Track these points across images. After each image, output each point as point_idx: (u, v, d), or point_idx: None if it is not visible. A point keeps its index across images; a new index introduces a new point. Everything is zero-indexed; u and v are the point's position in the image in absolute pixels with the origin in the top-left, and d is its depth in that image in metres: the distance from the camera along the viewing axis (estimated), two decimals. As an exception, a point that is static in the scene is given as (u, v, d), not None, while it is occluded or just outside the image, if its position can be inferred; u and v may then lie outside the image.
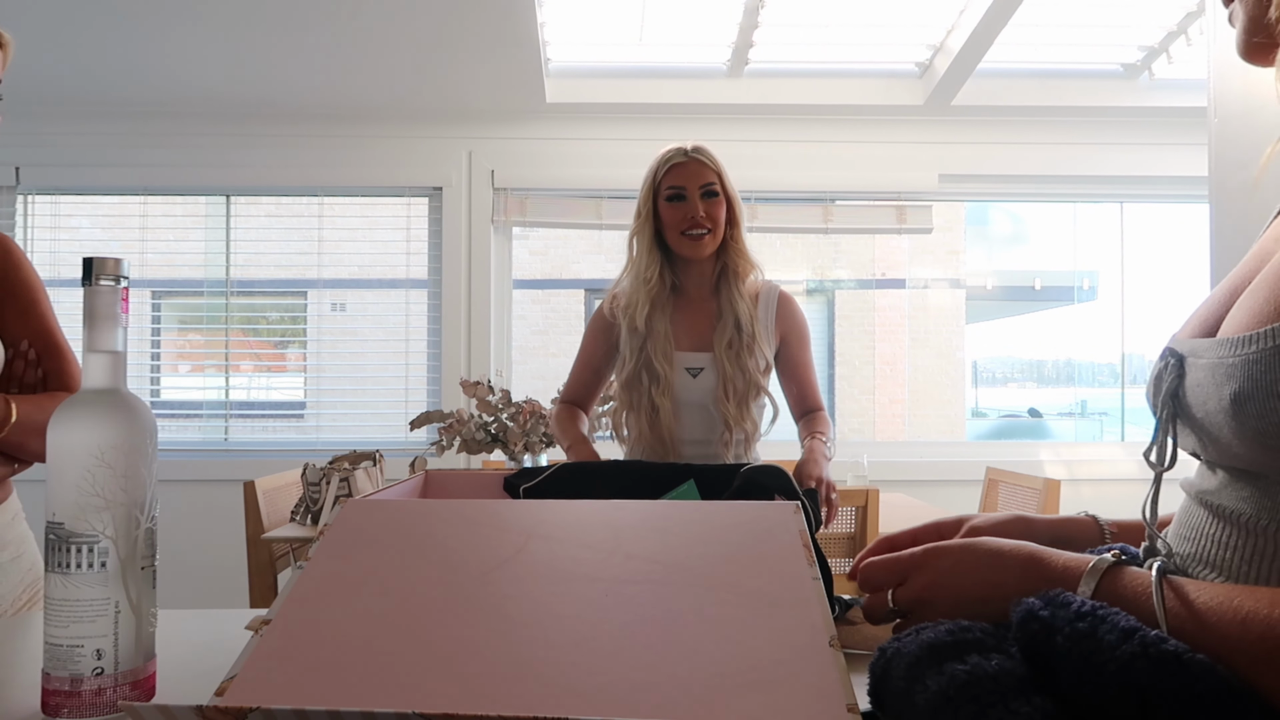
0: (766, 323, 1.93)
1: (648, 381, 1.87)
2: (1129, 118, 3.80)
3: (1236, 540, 0.55)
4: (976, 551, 0.63)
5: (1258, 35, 0.62)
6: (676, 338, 1.91)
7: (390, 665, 0.56)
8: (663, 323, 1.89)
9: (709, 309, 1.93)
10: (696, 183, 1.82)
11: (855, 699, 0.52)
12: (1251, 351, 0.52)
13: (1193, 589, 0.52)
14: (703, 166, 1.82)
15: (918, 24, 3.37)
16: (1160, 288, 4.11)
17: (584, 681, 0.54)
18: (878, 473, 3.42)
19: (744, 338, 1.87)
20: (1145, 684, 0.46)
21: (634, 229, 1.93)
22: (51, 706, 0.67)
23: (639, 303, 1.90)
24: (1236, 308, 0.58)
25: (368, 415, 3.88)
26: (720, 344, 1.87)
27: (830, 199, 3.84)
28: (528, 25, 3.03)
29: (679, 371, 1.89)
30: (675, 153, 1.85)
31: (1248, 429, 0.53)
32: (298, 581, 0.67)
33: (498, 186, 3.80)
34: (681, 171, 1.82)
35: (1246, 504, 0.55)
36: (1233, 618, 0.48)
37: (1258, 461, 0.54)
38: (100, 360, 0.70)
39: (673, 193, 1.83)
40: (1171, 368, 0.61)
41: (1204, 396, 0.57)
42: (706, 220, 1.82)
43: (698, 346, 1.91)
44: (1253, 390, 0.52)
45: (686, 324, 1.93)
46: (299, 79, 3.46)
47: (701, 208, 1.82)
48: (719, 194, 1.83)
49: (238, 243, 3.88)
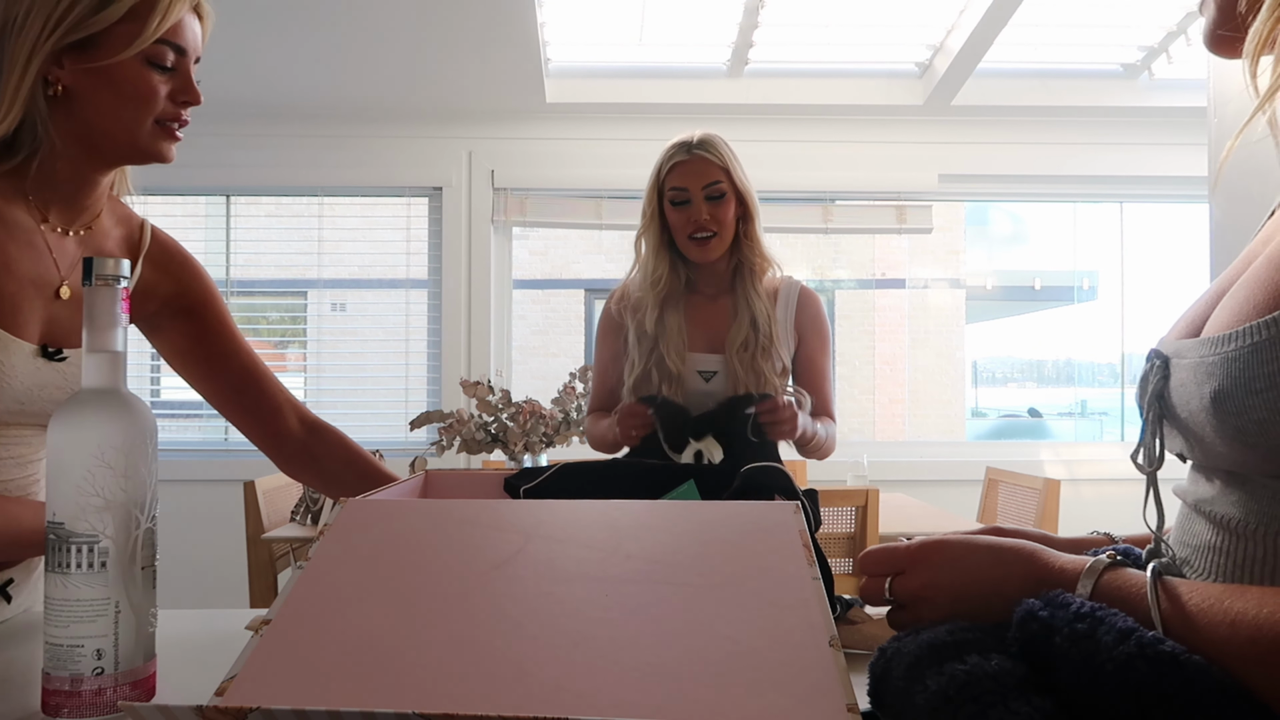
0: (786, 321, 1.84)
1: (659, 380, 1.78)
2: (1129, 118, 3.80)
3: (1229, 545, 0.55)
4: (976, 549, 0.63)
5: (1225, 27, 0.63)
6: (691, 338, 1.82)
7: (390, 665, 0.56)
8: (676, 319, 1.80)
9: (724, 307, 1.84)
10: (700, 183, 1.71)
11: (855, 699, 0.52)
12: (1230, 350, 0.53)
13: (1185, 590, 0.52)
14: (707, 164, 1.71)
15: (918, 24, 3.37)
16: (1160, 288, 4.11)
17: (584, 682, 0.54)
18: (878, 473, 3.42)
19: (760, 339, 1.78)
20: (1142, 684, 0.46)
21: (640, 229, 1.85)
22: (51, 706, 0.67)
23: (649, 305, 1.82)
24: (1220, 308, 0.58)
25: (368, 415, 3.88)
26: (733, 346, 1.78)
27: (830, 199, 3.84)
28: (528, 25, 3.03)
29: (691, 374, 1.80)
30: (678, 149, 1.74)
31: (1228, 427, 0.53)
32: (298, 581, 0.67)
33: (498, 186, 3.80)
34: (685, 171, 1.72)
35: (1236, 509, 0.55)
36: (1222, 619, 0.49)
37: (1240, 461, 0.54)
38: (100, 360, 0.70)
39: (676, 195, 1.74)
40: (1157, 369, 0.61)
41: (1187, 396, 0.57)
42: (712, 224, 1.73)
43: (712, 347, 1.83)
44: (1231, 388, 0.52)
45: (701, 323, 1.85)
46: (299, 79, 3.46)
47: (706, 211, 1.72)
48: (725, 194, 1.72)
49: (238, 243, 3.88)
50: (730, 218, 1.74)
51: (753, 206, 1.77)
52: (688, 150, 1.72)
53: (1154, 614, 0.51)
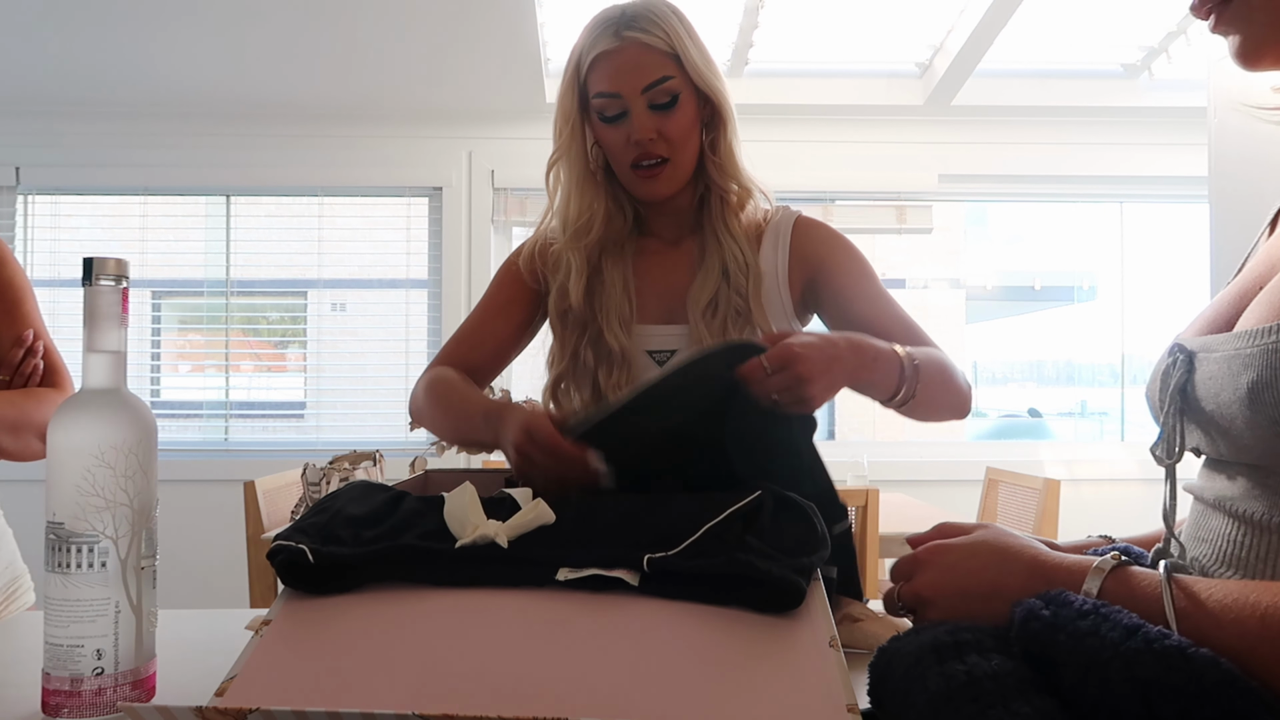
0: (777, 265, 1.23)
1: (594, 365, 1.21)
2: (1129, 118, 3.80)
3: (1251, 539, 0.56)
4: (979, 551, 0.63)
5: (1253, 42, 0.62)
6: (641, 305, 1.24)
7: (390, 666, 0.56)
8: (618, 278, 1.23)
9: (687, 256, 1.25)
10: (638, 83, 1.13)
11: (855, 699, 0.52)
12: (1270, 341, 0.53)
13: (1203, 588, 0.52)
14: (646, 53, 1.12)
15: (918, 24, 3.37)
16: (1160, 288, 4.10)
17: (583, 682, 0.54)
18: (878, 473, 3.42)
19: (733, 296, 1.18)
20: (1150, 679, 0.46)
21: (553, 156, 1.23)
22: (51, 706, 0.67)
23: (573, 263, 1.21)
24: (1255, 304, 0.59)
25: (368, 415, 3.88)
26: (696, 307, 1.19)
27: (830, 199, 3.84)
28: (528, 25, 3.03)
29: (640, 355, 1.21)
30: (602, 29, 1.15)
31: (1262, 418, 0.53)
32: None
33: (498, 186, 3.80)
34: (614, 67, 1.14)
35: (1258, 502, 0.56)
36: (1250, 614, 0.48)
37: (1269, 453, 0.54)
38: (101, 360, 0.70)
39: (606, 104, 1.15)
40: (1180, 363, 0.61)
41: (1217, 389, 0.57)
42: (661, 144, 1.14)
43: (670, 317, 1.23)
44: (1271, 378, 0.52)
45: (655, 282, 1.25)
46: (299, 79, 3.46)
47: (651, 122, 1.13)
48: (679, 94, 1.14)
49: (238, 243, 3.88)
50: (688, 130, 1.16)
51: (723, 108, 1.19)
52: (615, 33, 1.14)
53: (1169, 612, 0.51)
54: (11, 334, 1.26)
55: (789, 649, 0.57)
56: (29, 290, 1.31)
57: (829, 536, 0.70)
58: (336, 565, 0.66)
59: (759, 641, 0.58)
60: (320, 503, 0.74)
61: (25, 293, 1.30)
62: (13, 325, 1.27)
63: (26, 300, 1.30)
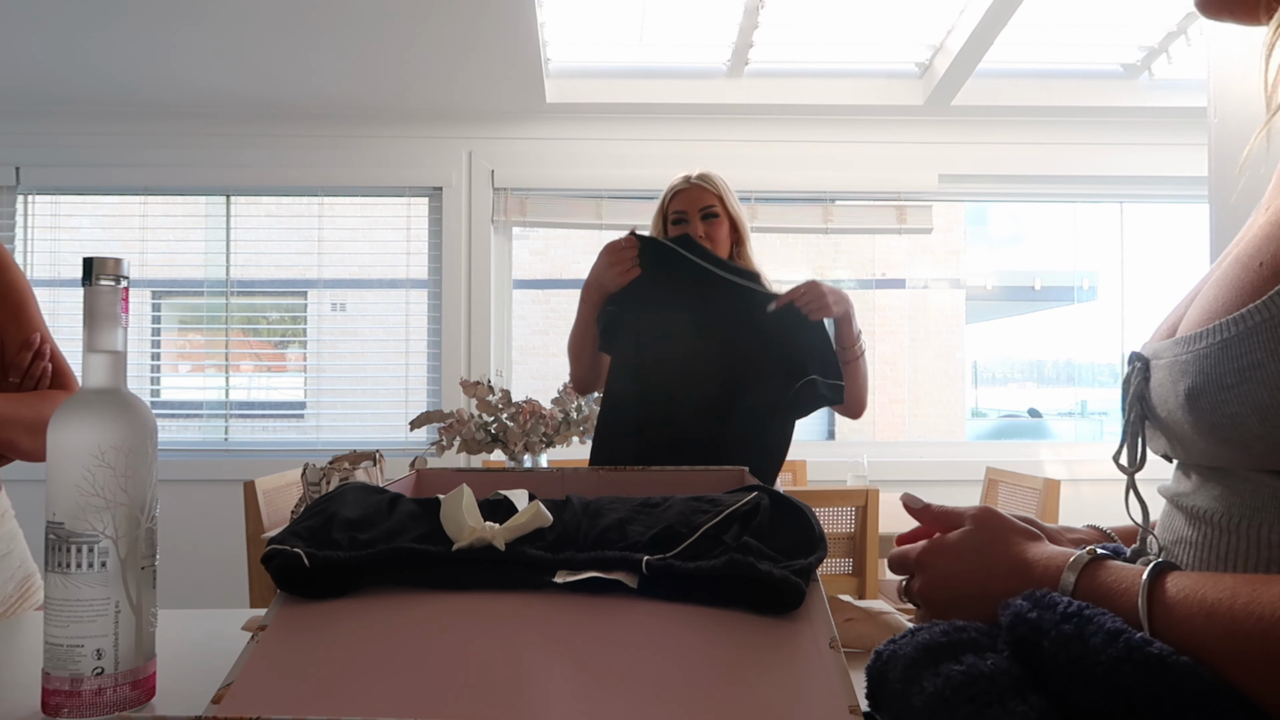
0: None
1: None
2: (1129, 118, 3.80)
3: (1211, 539, 0.56)
4: (965, 551, 0.65)
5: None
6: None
7: (389, 673, 0.56)
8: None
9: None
10: (696, 206, 1.96)
11: (856, 699, 0.52)
12: (1201, 347, 0.54)
13: (1168, 580, 0.52)
14: (703, 191, 1.97)
15: (918, 24, 3.37)
16: (1160, 288, 4.10)
17: (582, 687, 0.54)
18: (878, 473, 3.42)
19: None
20: (1131, 687, 0.47)
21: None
22: (51, 706, 0.67)
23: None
24: (1192, 308, 0.59)
25: (368, 415, 3.88)
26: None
27: (830, 199, 3.84)
28: (528, 25, 3.03)
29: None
30: (680, 180, 2.01)
31: (1203, 423, 0.54)
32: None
33: (498, 186, 3.80)
34: (684, 197, 1.98)
35: (1217, 502, 0.56)
36: (1198, 609, 0.49)
37: (1219, 457, 0.55)
38: (100, 360, 0.70)
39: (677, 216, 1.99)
40: (1138, 371, 0.62)
41: (1165, 395, 0.58)
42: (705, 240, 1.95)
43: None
44: (1204, 385, 0.53)
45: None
46: (299, 79, 3.46)
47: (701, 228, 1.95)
48: (719, 214, 1.96)
49: (238, 243, 3.88)
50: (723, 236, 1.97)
51: (744, 231, 1.99)
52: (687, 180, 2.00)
53: (1141, 610, 0.51)
54: (18, 338, 1.27)
55: (789, 651, 0.57)
56: (31, 293, 1.32)
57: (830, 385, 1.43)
58: (332, 569, 0.65)
59: (759, 644, 0.58)
60: (314, 505, 0.73)
61: (28, 296, 1.31)
62: (19, 329, 1.27)
63: (30, 303, 1.30)
